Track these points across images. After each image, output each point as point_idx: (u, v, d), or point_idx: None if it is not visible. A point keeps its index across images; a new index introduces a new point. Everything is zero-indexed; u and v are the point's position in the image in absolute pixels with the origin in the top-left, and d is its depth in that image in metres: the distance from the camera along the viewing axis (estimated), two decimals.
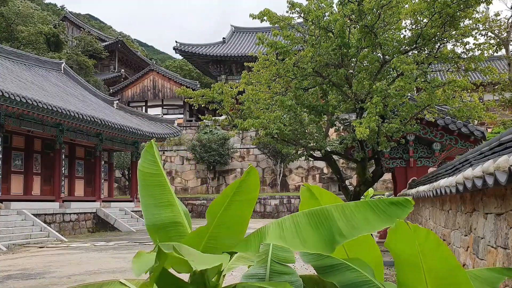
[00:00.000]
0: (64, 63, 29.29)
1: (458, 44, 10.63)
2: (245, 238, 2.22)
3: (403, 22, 10.92)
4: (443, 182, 4.96)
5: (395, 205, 1.90)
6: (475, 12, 10.35)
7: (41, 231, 18.06)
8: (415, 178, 10.52)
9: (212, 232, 2.33)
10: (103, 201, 25.05)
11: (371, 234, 2.45)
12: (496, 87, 21.34)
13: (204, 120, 15.96)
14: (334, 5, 10.69)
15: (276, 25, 10.99)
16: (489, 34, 19.93)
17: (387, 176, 26.06)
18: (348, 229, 1.95)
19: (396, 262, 1.64)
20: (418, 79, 10.19)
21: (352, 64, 11.16)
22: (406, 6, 10.25)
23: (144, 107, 43.92)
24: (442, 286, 1.55)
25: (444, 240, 5.99)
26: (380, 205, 1.94)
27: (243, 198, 2.31)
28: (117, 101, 29.60)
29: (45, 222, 19.09)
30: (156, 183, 2.63)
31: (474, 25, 10.46)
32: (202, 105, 13.55)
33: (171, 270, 2.51)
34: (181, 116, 42.91)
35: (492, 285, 2.03)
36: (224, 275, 2.37)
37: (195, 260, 1.91)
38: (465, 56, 10.61)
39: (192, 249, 2.04)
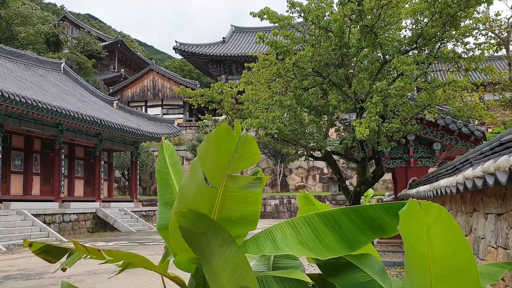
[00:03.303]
0: (64, 63, 29.28)
1: (459, 44, 10.61)
2: (252, 237, 2.20)
3: (403, 22, 10.91)
4: (443, 182, 4.95)
5: None
6: (475, 12, 10.34)
7: (40, 231, 18.04)
8: (416, 178, 10.50)
9: None
10: (102, 201, 25.04)
11: None
12: (497, 87, 21.36)
13: (204, 120, 15.91)
14: (334, 5, 10.68)
15: (276, 24, 10.97)
16: (490, 34, 19.92)
17: (387, 176, 26.05)
18: (371, 231, 2.00)
19: (405, 252, 1.61)
20: (419, 79, 10.17)
21: (352, 64, 11.13)
22: (406, 6, 10.23)
23: (144, 107, 43.90)
24: (448, 275, 1.52)
25: None
26: (396, 207, 1.97)
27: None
28: (117, 101, 29.57)
29: (44, 222, 19.07)
30: (165, 182, 2.69)
31: (474, 25, 10.44)
32: (202, 105, 13.53)
33: (174, 270, 2.49)
34: (181, 116, 42.90)
35: (493, 278, 2.02)
36: None
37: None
38: (466, 56, 10.59)
39: None
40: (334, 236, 2.02)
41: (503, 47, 21.04)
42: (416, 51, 10.63)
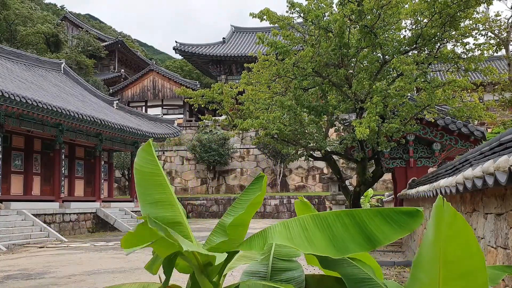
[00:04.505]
0: (64, 63, 29.28)
1: (458, 44, 10.63)
2: (248, 238, 2.22)
3: (403, 22, 10.92)
4: (443, 182, 4.96)
5: (407, 214, 1.89)
6: (475, 12, 10.35)
7: (41, 231, 18.05)
8: (415, 178, 10.52)
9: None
10: (103, 201, 25.05)
11: None
12: (496, 87, 21.37)
13: (204, 120, 15.95)
14: (334, 5, 10.69)
15: (276, 25, 10.98)
16: (489, 34, 19.93)
17: (387, 176, 26.06)
18: (363, 239, 1.94)
19: (419, 249, 1.60)
20: (418, 79, 10.19)
21: (352, 64, 11.15)
22: (406, 6, 10.24)
23: (144, 107, 43.91)
24: (457, 278, 1.52)
25: None
26: (391, 214, 1.94)
27: (250, 202, 2.32)
28: (117, 101, 29.57)
29: (45, 222, 19.07)
30: (156, 182, 2.59)
31: (474, 25, 10.47)
32: (202, 105, 13.55)
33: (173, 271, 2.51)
34: (181, 116, 42.91)
35: (493, 281, 2.03)
36: (224, 275, 2.37)
37: (184, 244, 1.94)
38: (465, 56, 10.61)
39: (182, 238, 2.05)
40: (323, 238, 2.00)
41: (503, 47, 21.04)
42: (416, 51, 10.65)
